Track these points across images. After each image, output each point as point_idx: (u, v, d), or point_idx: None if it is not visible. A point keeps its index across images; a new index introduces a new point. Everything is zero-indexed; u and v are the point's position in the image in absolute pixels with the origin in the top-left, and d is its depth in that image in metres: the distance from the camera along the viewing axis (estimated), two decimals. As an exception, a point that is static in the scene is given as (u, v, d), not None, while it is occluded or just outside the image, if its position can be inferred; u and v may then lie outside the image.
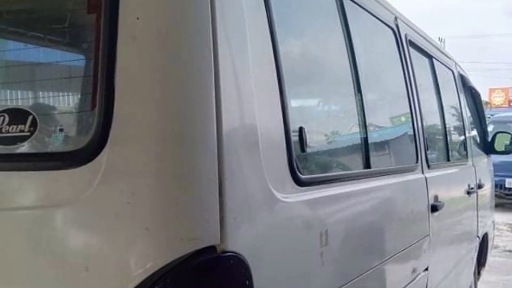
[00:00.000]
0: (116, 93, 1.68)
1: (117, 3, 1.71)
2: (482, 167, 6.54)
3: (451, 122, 5.60)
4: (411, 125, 3.92)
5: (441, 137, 5.10)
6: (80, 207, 1.69)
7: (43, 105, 2.11)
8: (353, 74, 2.98)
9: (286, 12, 2.45)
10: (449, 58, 5.94)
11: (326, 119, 2.97)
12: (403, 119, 3.98)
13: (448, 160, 5.14)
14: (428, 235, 3.91)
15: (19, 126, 1.80)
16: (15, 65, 2.31)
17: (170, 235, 1.66)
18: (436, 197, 4.11)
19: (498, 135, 6.98)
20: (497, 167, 8.34)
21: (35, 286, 1.75)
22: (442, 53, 5.70)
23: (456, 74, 6.03)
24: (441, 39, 42.57)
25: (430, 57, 4.97)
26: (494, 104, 46.91)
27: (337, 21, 2.92)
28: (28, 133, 1.79)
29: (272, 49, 2.10)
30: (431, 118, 4.81)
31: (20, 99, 2.21)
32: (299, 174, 2.16)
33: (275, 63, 2.10)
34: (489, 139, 6.99)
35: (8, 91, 2.27)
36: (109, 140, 1.67)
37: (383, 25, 3.66)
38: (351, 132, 3.06)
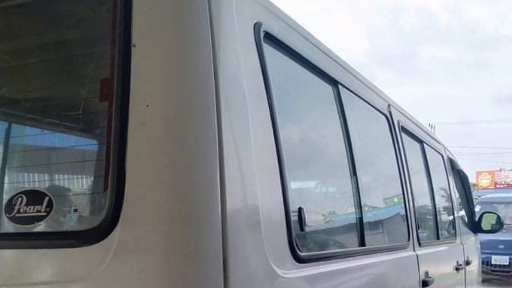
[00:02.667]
0: (127, 176, 1.80)
1: (128, 91, 1.86)
2: (470, 245, 6.87)
3: (441, 202, 5.84)
4: (403, 205, 4.13)
5: (431, 217, 5.32)
6: (93, 282, 1.79)
7: (58, 187, 2.23)
8: (349, 157, 3.17)
9: (286, 100, 2.61)
10: (439, 142, 6.26)
11: (324, 200, 3.12)
12: (395, 200, 4.15)
13: (438, 238, 5.39)
14: None
15: (36, 207, 1.93)
16: (32, 149, 2.47)
17: None
18: (426, 273, 4.31)
19: (485, 215, 7.40)
20: (484, 245, 8.79)
21: None
22: (432, 138, 6.02)
23: (445, 157, 6.34)
24: (431, 125, 43.71)
25: (421, 141, 5.26)
26: (481, 186, 50.58)
27: (334, 108, 3.12)
28: (44, 213, 1.92)
29: (273, 134, 2.24)
30: (422, 199, 5.04)
31: (37, 181, 2.36)
32: (298, 251, 2.27)
33: (276, 148, 2.24)
34: (477, 218, 7.36)
35: (26, 174, 2.42)
36: (120, 220, 1.79)
37: (377, 112, 3.90)
38: (347, 212, 3.24)
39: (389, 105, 4.25)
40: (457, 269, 5.74)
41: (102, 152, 1.98)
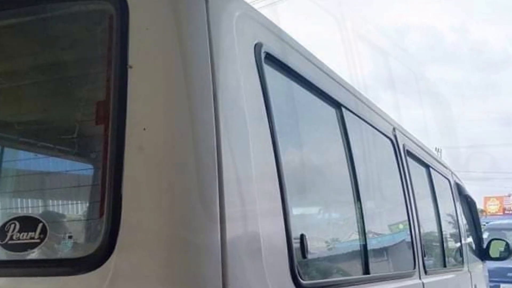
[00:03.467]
0: (123, 201, 1.77)
1: (124, 114, 1.83)
2: (478, 273, 6.78)
3: (448, 229, 5.79)
4: (409, 232, 4.07)
5: (438, 244, 5.27)
6: None
7: (52, 213, 2.19)
8: (353, 182, 3.12)
9: (288, 123, 2.59)
10: (446, 167, 6.21)
11: (327, 226, 3.08)
12: (401, 226, 4.12)
13: (445, 266, 5.30)
14: None
15: (30, 233, 1.88)
16: (25, 174, 2.43)
17: None
18: None
19: (493, 242, 7.34)
20: (492, 273, 8.69)
21: None
22: (439, 162, 5.98)
23: (452, 182, 6.29)
24: (438, 149, 42.94)
25: (427, 166, 5.20)
26: (489, 212, 48.45)
27: (337, 131, 3.09)
28: (38, 240, 1.88)
29: (274, 158, 2.20)
30: (428, 225, 4.99)
31: (31, 207, 2.31)
32: (300, 279, 2.22)
33: (277, 172, 2.20)
34: (485, 245, 7.32)
35: (19, 199, 2.37)
36: (116, 247, 1.75)
37: (382, 135, 3.87)
38: (351, 239, 3.18)
39: (394, 129, 4.21)
40: None
41: (97, 177, 1.96)
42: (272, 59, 2.37)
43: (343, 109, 3.10)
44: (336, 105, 3.07)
